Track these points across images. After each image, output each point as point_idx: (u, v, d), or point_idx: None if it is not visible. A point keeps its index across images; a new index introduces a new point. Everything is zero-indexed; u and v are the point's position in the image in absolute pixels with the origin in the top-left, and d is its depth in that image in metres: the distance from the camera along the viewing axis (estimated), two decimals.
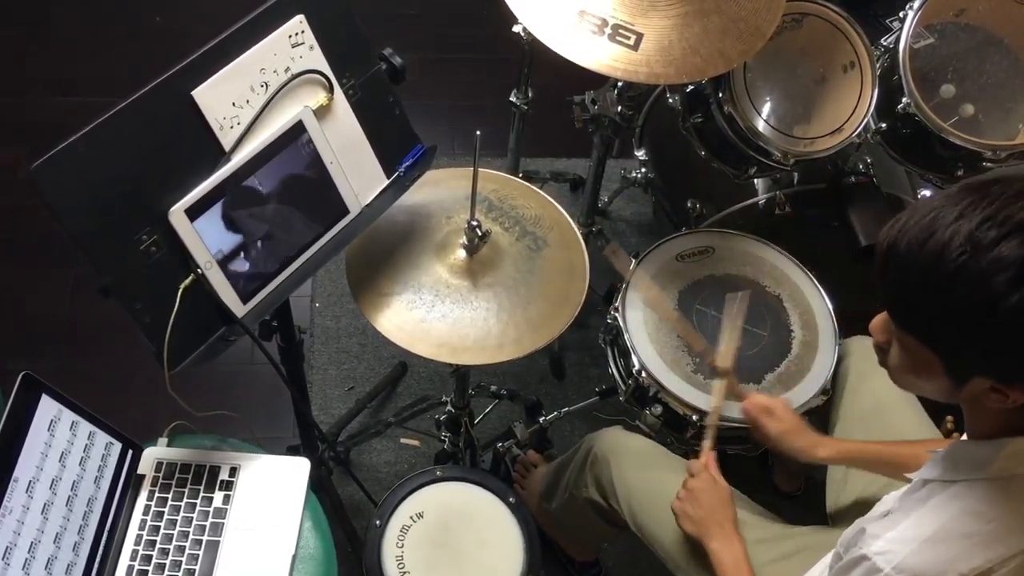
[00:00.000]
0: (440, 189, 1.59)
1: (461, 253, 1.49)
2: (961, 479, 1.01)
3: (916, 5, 1.77)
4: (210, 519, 1.38)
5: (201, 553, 1.35)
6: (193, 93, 1.14)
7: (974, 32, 1.81)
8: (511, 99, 2.15)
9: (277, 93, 1.22)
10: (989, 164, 1.78)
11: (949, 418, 1.63)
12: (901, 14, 1.79)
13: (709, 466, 1.47)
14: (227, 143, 1.19)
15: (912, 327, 0.96)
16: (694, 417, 1.63)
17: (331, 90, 1.28)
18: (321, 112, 1.27)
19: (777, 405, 1.52)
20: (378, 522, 1.51)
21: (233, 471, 1.43)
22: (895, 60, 1.77)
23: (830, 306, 1.76)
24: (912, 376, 1.02)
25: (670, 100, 1.98)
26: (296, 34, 1.23)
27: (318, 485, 1.85)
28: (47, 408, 1.26)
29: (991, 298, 0.86)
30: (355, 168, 1.34)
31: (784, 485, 2.16)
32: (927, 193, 1.97)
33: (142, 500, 1.39)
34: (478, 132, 1.33)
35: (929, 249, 0.89)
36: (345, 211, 1.34)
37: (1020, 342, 0.88)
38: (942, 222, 0.89)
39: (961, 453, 1.03)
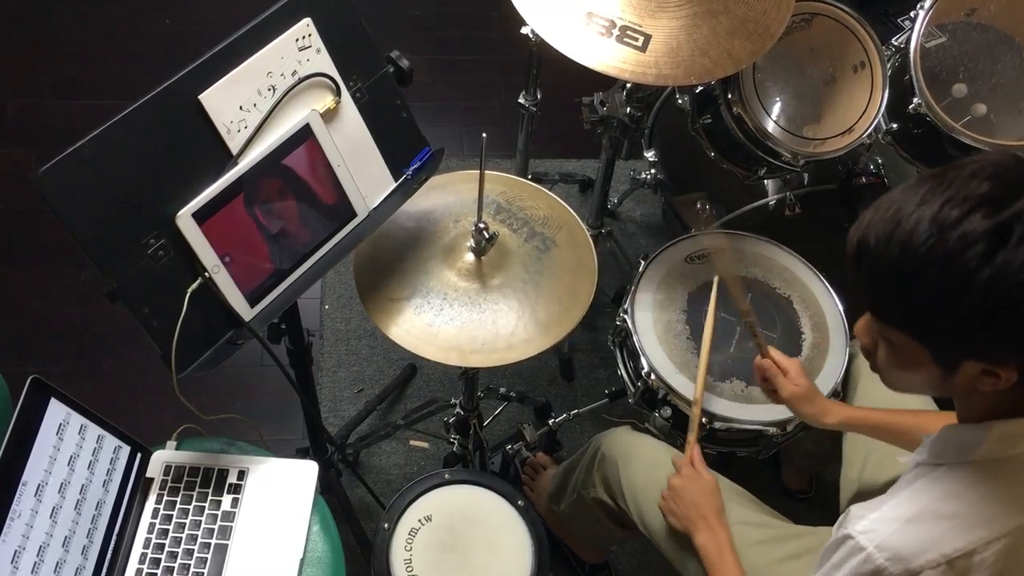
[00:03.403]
0: (448, 193, 1.59)
1: (469, 256, 1.49)
2: (947, 462, 1.02)
3: (927, 4, 1.77)
4: (218, 522, 1.38)
5: (209, 556, 1.36)
6: (200, 97, 1.14)
7: (985, 31, 1.79)
8: (520, 100, 2.14)
9: (284, 96, 1.22)
10: None
11: None
12: (912, 13, 1.78)
13: (693, 459, 1.48)
14: (234, 147, 1.19)
15: (894, 320, 0.97)
16: (703, 419, 1.62)
17: (338, 93, 1.28)
18: (328, 115, 1.27)
19: (792, 367, 1.51)
20: (386, 525, 1.51)
21: (241, 474, 1.43)
22: (906, 60, 1.76)
23: (841, 308, 1.75)
24: (903, 371, 1.02)
25: (679, 101, 1.97)
26: (303, 37, 1.23)
27: (327, 487, 1.85)
28: (56, 412, 1.26)
29: (964, 275, 0.86)
30: (362, 171, 1.34)
31: (792, 483, 2.15)
32: None
33: (151, 503, 1.40)
34: (484, 135, 1.32)
35: (897, 239, 0.90)
36: (353, 214, 1.34)
37: (999, 316, 0.88)
38: (905, 211, 0.91)
39: (950, 437, 1.03)
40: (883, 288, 0.95)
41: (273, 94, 1.21)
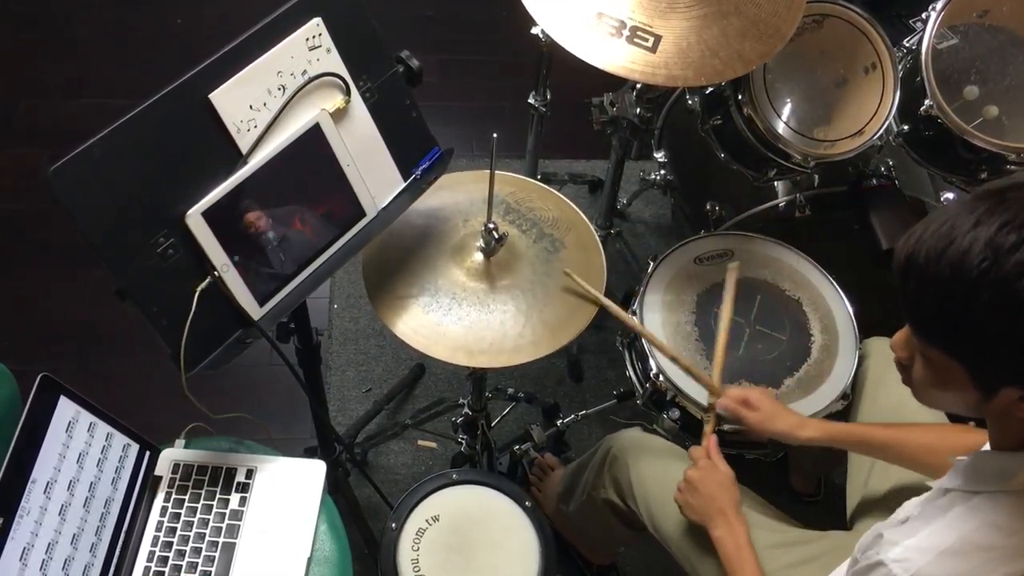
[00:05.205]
0: (457, 192, 1.59)
1: (478, 256, 1.49)
2: (984, 490, 0.99)
3: (939, 6, 1.76)
4: (226, 521, 1.39)
5: (217, 555, 1.36)
6: (210, 96, 1.14)
7: (997, 33, 1.79)
8: (529, 101, 2.14)
9: (294, 96, 1.22)
10: (1013, 167, 1.76)
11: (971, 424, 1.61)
12: (924, 15, 1.78)
13: (710, 451, 1.47)
14: (244, 146, 1.19)
15: (936, 339, 0.94)
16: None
17: (348, 93, 1.28)
18: (338, 115, 1.27)
19: (751, 394, 1.50)
20: (394, 525, 1.50)
21: (249, 473, 1.43)
22: (917, 61, 1.75)
23: (850, 310, 1.74)
24: (938, 391, 1.00)
25: (689, 102, 1.97)
26: (313, 37, 1.23)
27: (335, 487, 1.85)
28: (65, 410, 1.27)
29: (1016, 302, 0.84)
30: (372, 170, 1.34)
31: (800, 486, 2.14)
32: (950, 196, 1.95)
33: (159, 501, 1.40)
34: (495, 135, 1.32)
35: (949, 258, 0.88)
36: (362, 213, 1.34)
37: None
38: (960, 230, 0.88)
39: (985, 464, 1.01)
40: (929, 306, 0.92)
41: (283, 93, 1.21)
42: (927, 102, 1.74)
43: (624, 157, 2.08)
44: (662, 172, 2.33)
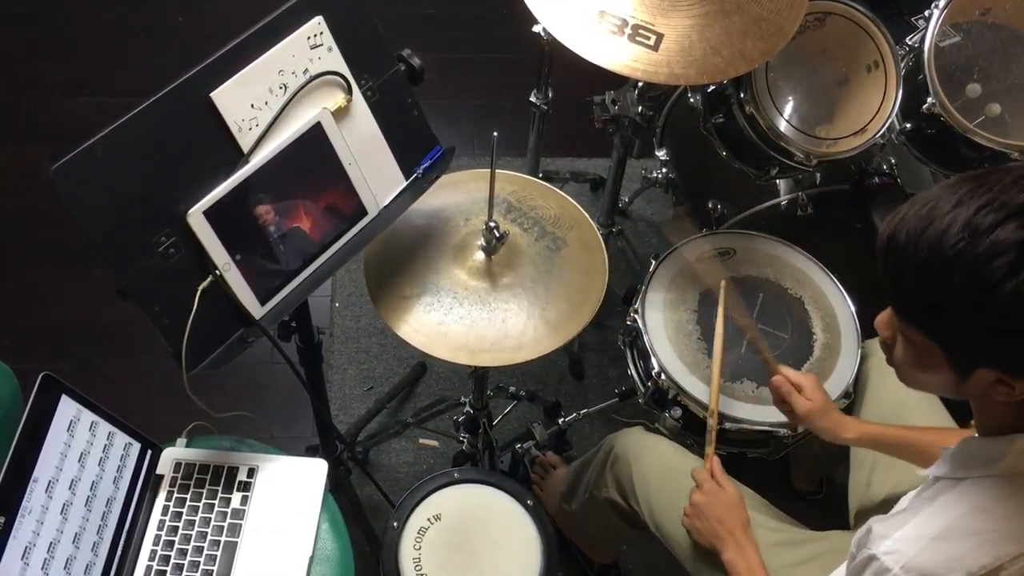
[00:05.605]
0: (458, 191, 1.59)
1: (479, 255, 1.49)
2: (970, 476, 1.00)
3: (942, 4, 1.75)
4: (228, 520, 1.38)
5: (219, 554, 1.36)
6: (212, 95, 1.14)
7: (1000, 31, 1.78)
8: (531, 99, 2.14)
9: (295, 95, 1.22)
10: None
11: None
12: (926, 12, 1.77)
13: (714, 472, 1.46)
14: (245, 145, 1.19)
15: (914, 318, 0.96)
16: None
17: (349, 91, 1.28)
18: (339, 113, 1.27)
19: (807, 382, 1.47)
20: (395, 524, 1.50)
21: (251, 472, 1.43)
22: (920, 59, 1.75)
23: (852, 309, 1.74)
24: (918, 371, 1.02)
25: (691, 100, 1.97)
26: (315, 36, 1.23)
27: (336, 485, 1.85)
28: (67, 408, 1.27)
29: (989, 283, 0.85)
30: (373, 169, 1.34)
31: (801, 484, 2.14)
32: None
33: (160, 500, 1.40)
34: (495, 133, 1.32)
35: (927, 237, 0.89)
36: (363, 212, 1.34)
37: (1017, 329, 0.87)
38: (940, 211, 0.89)
39: (970, 450, 1.02)
40: (907, 285, 0.93)
41: (284, 92, 1.21)
42: (929, 100, 1.74)
43: (626, 155, 2.08)
44: (664, 170, 2.33)
